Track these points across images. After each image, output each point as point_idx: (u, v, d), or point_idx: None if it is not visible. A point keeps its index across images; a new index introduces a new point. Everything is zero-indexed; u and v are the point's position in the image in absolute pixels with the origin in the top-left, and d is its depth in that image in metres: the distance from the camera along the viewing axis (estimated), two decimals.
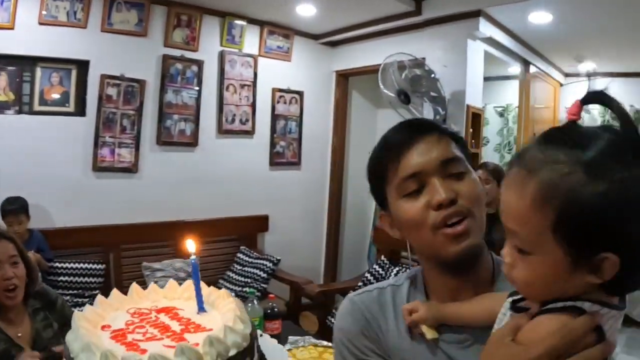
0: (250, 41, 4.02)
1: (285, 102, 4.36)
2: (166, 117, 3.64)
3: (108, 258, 3.41)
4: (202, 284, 0.92)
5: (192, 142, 3.80)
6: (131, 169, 3.54)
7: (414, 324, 0.87)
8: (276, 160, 4.37)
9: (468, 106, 3.59)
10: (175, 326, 0.80)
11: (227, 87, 3.92)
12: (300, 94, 4.45)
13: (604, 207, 0.53)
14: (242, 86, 4.01)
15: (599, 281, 0.56)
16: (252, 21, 4.00)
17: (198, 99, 3.78)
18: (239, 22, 3.89)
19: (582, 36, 4.17)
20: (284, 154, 4.43)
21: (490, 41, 3.84)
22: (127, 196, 3.55)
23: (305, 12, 3.79)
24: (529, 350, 0.57)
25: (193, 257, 0.93)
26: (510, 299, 0.71)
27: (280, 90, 4.31)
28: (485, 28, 3.60)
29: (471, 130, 3.67)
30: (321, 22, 4.13)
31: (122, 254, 3.50)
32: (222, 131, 3.96)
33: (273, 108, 4.29)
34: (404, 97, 3.22)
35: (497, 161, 5.20)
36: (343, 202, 4.93)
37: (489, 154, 5.32)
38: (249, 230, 4.18)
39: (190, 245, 0.96)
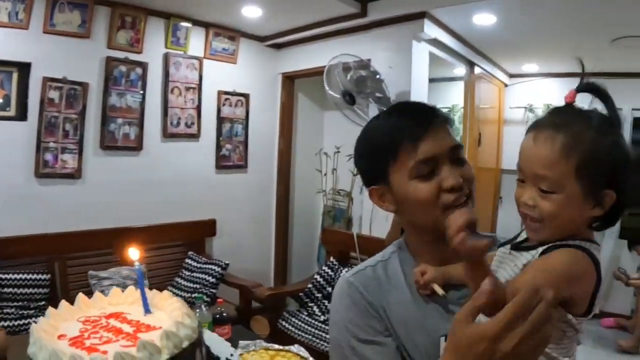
0: (196, 43, 4.25)
1: (231, 105, 4.62)
2: (110, 121, 3.78)
3: (53, 268, 3.47)
4: (146, 288, 1.04)
5: (136, 147, 3.97)
6: (74, 175, 3.64)
7: (426, 284, 1.07)
8: (222, 163, 4.62)
9: None
10: (127, 328, 0.88)
11: (172, 90, 4.12)
12: (246, 96, 4.73)
13: (610, 155, 0.84)
14: (187, 89, 4.23)
15: (599, 213, 0.87)
16: (197, 23, 4.21)
17: (142, 102, 3.95)
18: (184, 23, 4.11)
19: (525, 38, 4.53)
20: (230, 157, 4.69)
21: (435, 42, 4.18)
22: (71, 203, 3.65)
23: (251, 13, 4.05)
24: (554, 272, 0.81)
25: (137, 264, 1.04)
26: (504, 247, 1.01)
27: (226, 92, 4.57)
28: (430, 29, 3.92)
29: None
30: (267, 24, 4.41)
31: (68, 262, 3.56)
32: (167, 135, 4.15)
33: (219, 111, 4.54)
34: (349, 98, 3.50)
35: None
36: (291, 204, 5.26)
37: None
38: (196, 235, 4.39)
39: (133, 253, 1.05)
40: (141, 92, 3.95)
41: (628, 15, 3.64)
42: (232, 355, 0.94)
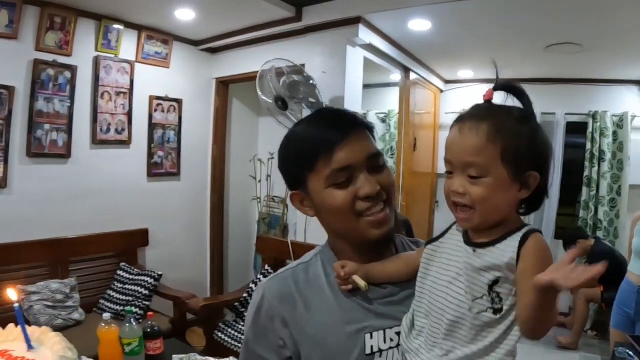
0: (127, 46, 4.46)
1: (163, 111, 4.88)
2: (37, 127, 3.89)
3: None
4: (26, 325, 1.12)
5: (64, 154, 4.12)
6: (0, 184, 3.74)
7: (346, 277, 1.17)
8: (154, 171, 4.85)
9: None
10: None
11: (102, 95, 4.30)
12: (179, 101, 5.00)
13: (531, 140, 1.01)
14: (118, 94, 4.44)
15: (526, 195, 1.03)
16: (129, 25, 4.40)
17: (71, 107, 4.09)
18: (116, 26, 4.30)
19: (460, 44, 4.89)
20: (163, 164, 4.93)
21: (370, 48, 4.52)
22: None
23: (185, 16, 4.29)
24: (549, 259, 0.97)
25: (16, 304, 1.14)
26: (432, 245, 1.16)
27: (158, 98, 4.80)
28: (365, 35, 4.22)
29: None
30: (201, 28, 4.68)
31: None
32: (96, 141, 4.32)
33: (150, 117, 4.76)
34: (282, 104, 3.70)
35: None
36: (226, 212, 5.59)
37: None
38: (128, 245, 4.57)
39: (11, 294, 1.16)
40: (70, 96, 4.10)
41: (562, 22, 4.04)
42: None
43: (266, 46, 4.73)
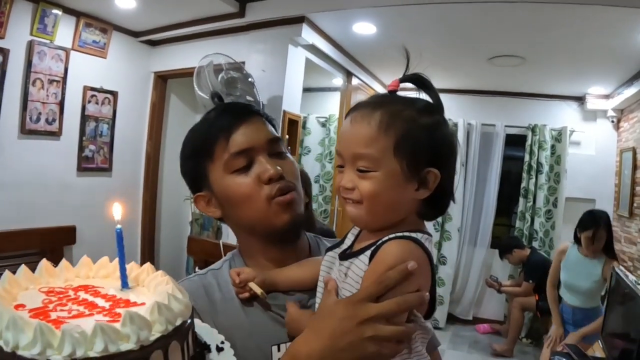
0: (64, 32, 4.43)
1: (97, 102, 4.90)
2: None
3: None
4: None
5: None
6: None
7: (242, 284, 1.15)
8: (85, 165, 4.84)
9: (285, 112, 4.43)
10: (102, 302, 0.81)
11: (33, 82, 4.27)
12: (114, 94, 5.04)
13: (430, 133, 0.96)
14: (51, 82, 4.42)
15: (425, 195, 0.97)
16: (67, 11, 4.38)
17: (0, 94, 4.05)
18: (54, 10, 4.26)
19: (404, 51, 5.19)
20: (94, 158, 4.94)
21: (313, 49, 4.72)
22: None
23: (125, 4, 4.34)
24: (385, 266, 0.90)
25: (118, 226, 0.94)
26: (332, 252, 1.09)
27: (93, 89, 4.82)
28: (308, 35, 4.37)
29: (287, 136, 4.52)
30: (141, 18, 4.76)
31: None
32: (25, 131, 4.26)
33: (83, 108, 4.75)
34: (218, 100, 3.68)
35: (319, 170, 6.42)
36: (158, 212, 5.67)
37: (310, 163, 6.58)
38: (53, 242, 4.47)
39: (117, 209, 0.98)
40: None
41: (505, 34, 4.31)
42: (222, 342, 0.92)
43: (207, 41, 4.85)
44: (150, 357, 0.69)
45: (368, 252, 0.96)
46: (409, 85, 1.05)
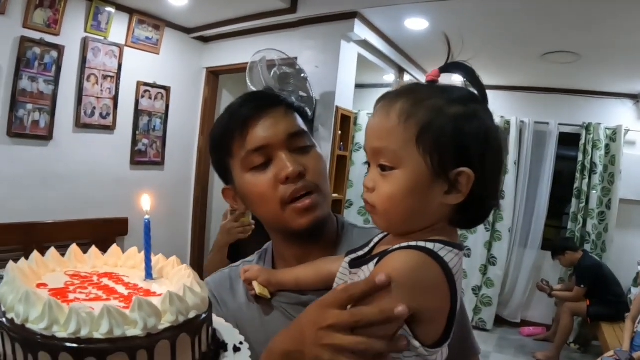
0: (117, 29, 4.45)
1: (150, 97, 4.88)
2: (19, 106, 3.89)
3: None
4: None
5: (46, 136, 4.10)
6: None
7: (247, 282, 1.11)
8: (138, 159, 4.85)
9: (337, 108, 4.33)
10: (122, 290, 0.82)
11: (88, 77, 4.30)
12: (167, 89, 5.01)
13: (458, 124, 0.79)
14: (105, 77, 4.43)
15: (457, 200, 0.80)
16: (120, 8, 4.39)
17: (55, 88, 4.08)
18: (107, 8, 4.29)
19: (456, 47, 4.99)
20: (147, 152, 4.94)
21: (365, 44, 4.59)
22: None
23: (178, 2, 4.33)
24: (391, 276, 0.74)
25: (147, 216, 0.94)
26: (347, 258, 0.93)
27: (146, 84, 4.81)
28: (360, 30, 4.27)
29: (340, 132, 4.42)
30: (194, 15, 4.71)
31: None
32: (80, 125, 4.31)
33: (137, 103, 4.76)
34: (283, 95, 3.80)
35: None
36: (209, 205, 5.61)
37: (360, 159, 6.35)
38: (106, 233, 4.49)
39: (145, 201, 0.96)
40: (55, 77, 4.09)
41: (560, 29, 4.11)
42: (241, 343, 0.88)
43: (259, 37, 4.76)
44: (157, 346, 0.68)
45: (375, 260, 0.82)
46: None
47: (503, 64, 5.37)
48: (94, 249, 1.00)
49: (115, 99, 4.57)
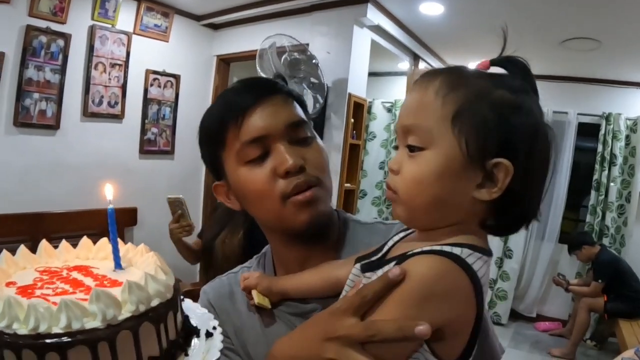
0: (125, 17, 4.37)
1: (159, 86, 4.81)
2: (25, 96, 3.84)
3: None
4: (119, 241, 0.92)
5: (53, 125, 4.05)
6: None
7: (247, 290, 1.02)
8: (147, 148, 4.79)
9: (350, 95, 4.21)
10: (89, 282, 0.80)
11: (95, 66, 4.24)
12: (176, 77, 4.93)
13: (503, 112, 0.69)
14: (113, 65, 4.37)
15: (491, 196, 0.70)
16: None
17: (62, 77, 4.03)
18: None
19: (472, 33, 4.67)
20: (156, 141, 4.87)
21: (379, 30, 4.47)
22: None
23: None
24: (404, 292, 0.66)
25: (110, 206, 0.91)
26: (358, 264, 0.82)
27: (155, 72, 4.73)
28: (374, 15, 4.16)
29: (352, 120, 4.31)
30: (203, 2, 4.63)
31: None
32: (87, 114, 4.26)
33: (146, 91, 4.69)
34: (282, 82, 3.71)
35: (384, 156, 6.08)
36: None
37: (375, 149, 6.28)
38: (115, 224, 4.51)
39: (108, 190, 0.95)
40: (62, 66, 4.03)
41: (580, 15, 3.95)
42: (214, 328, 0.84)
43: (269, 24, 4.66)
44: (117, 337, 0.66)
45: (392, 264, 0.71)
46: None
47: (520, 51, 4.88)
48: (64, 243, 0.96)
49: (123, 88, 4.51)
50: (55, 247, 0.95)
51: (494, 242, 5.90)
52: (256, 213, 1.03)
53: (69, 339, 0.63)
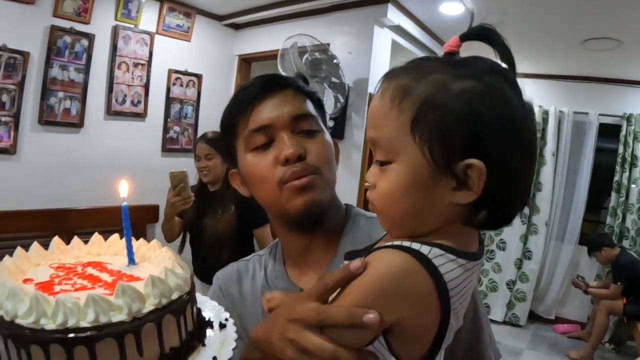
0: (148, 17, 4.37)
1: (181, 85, 4.80)
2: (50, 94, 3.86)
3: None
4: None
5: (77, 123, 4.06)
6: (9, 150, 3.70)
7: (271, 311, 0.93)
8: (169, 146, 4.80)
9: (371, 95, 4.12)
10: (106, 277, 0.80)
11: (119, 65, 4.25)
12: (198, 77, 4.92)
13: (466, 103, 0.62)
14: (136, 65, 4.38)
15: (470, 198, 0.64)
16: None
17: (86, 76, 4.05)
18: None
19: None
20: (178, 140, 4.87)
21: (399, 30, 4.43)
22: (3, 180, 3.69)
23: None
24: (359, 285, 0.65)
25: (124, 203, 0.91)
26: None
27: (177, 71, 4.73)
28: (394, 16, 4.13)
29: None
30: (225, 2, 4.61)
31: None
32: (111, 112, 4.27)
33: (168, 90, 4.70)
34: (303, 82, 3.69)
35: None
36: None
37: None
38: (137, 220, 4.41)
39: (123, 187, 0.95)
40: (85, 65, 4.05)
41: (602, 14, 3.86)
42: (226, 319, 0.85)
43: (290, 24, 4.63)
44: (142, 329, 0.68)
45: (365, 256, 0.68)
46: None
47: (542, 51, 5.10)
48: (75, 239, 0.98)
49: (146, 87, 4.52)
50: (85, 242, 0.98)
51: (513, 244, 5.83)
52: (259, 198, 1.06)
53: (97, 333, 0.65)
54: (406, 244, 0.65)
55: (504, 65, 0.69)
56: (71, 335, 0.64)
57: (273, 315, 0.75)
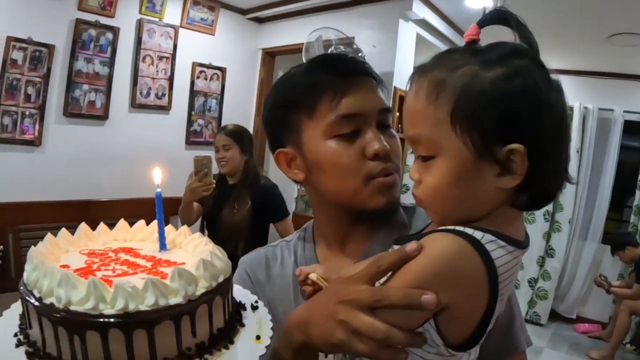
0: (172, 10, 4.35)
1: (205, 78, 4.76)
2: (75, 87, 3.86)
3: (7, 239, 3.57)
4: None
5: (102, 115, 4.06)
6: (34, 142, 3.70)
7: (303, 277, 0.90)
8: (193, 139, 4.76)
9: (396, 89, 4.09)
10: (143, 262, 0.80)
11: (143, 58, 4.22)
12: (222, 70, 4.87)
13: (499, 90, 0.63)
14: (160, 58, 4.34)
15: (514, 182, 0.65)
16: None
17: (111, 69, 4.03)
18: None
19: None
20: (202, 132, 4.83)
21: (424, 24, 4.36)
22: (28, 172, 3.70)
23: None
24: (412, 268, 0.65)
25: (158, 189, 0.90)
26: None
27: (201, 65, 4.69)
28: (419, 9, 4.09)
29: (398, 114, 4.10)
30: None
31: (21, 234, 3.62)
32: (135, 105, 4.26)
33: (192, 83, 4.66)
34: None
35: None
36: None
37: None
38: None
39: (157, 174, 0.94)
40: (110, 58, 4.03)
41: (625, 9, 3.75)
42: (256, 302, 0.86)
43: (315, 17, 4.58)
44: (197, 311, 0.69)
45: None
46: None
47: (567, 46, 4.96)
48: (102, 226, 0.95)
49: (170, 80, 4.49)
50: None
51: (536, 241, 5.67)
52: (329, 185, 0.98)
53: (156, 315, 0.65)
54: (459, 228, 0.66)
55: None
56: (131, 319, 0.65)
57: (316, 298, 0.76)
